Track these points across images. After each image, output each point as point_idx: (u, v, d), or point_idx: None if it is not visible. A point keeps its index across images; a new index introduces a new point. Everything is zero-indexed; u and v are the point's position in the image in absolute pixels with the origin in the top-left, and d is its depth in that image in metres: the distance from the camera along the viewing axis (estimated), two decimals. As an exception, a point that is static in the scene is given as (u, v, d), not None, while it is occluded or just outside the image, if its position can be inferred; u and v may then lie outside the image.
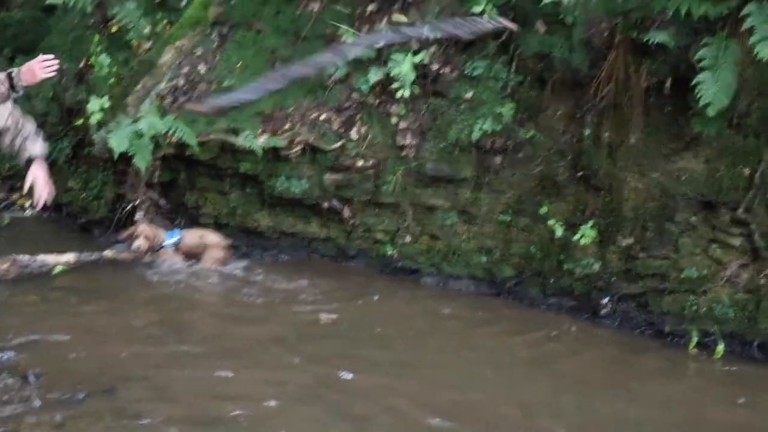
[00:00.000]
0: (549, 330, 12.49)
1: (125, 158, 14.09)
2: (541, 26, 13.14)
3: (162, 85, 14.81)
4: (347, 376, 10.56)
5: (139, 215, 14.42)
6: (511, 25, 11.66)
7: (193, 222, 14.58)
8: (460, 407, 10.16)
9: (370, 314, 12.59)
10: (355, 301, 12.97)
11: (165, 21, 15.25)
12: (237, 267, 13.85)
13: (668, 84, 12.34)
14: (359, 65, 13.92)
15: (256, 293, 12.96)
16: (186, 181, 14.80)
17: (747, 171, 12.09)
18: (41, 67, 9.98)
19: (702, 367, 11.92)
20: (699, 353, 12.13)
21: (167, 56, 15.02)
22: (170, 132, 13.88)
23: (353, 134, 13.97)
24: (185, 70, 14.93)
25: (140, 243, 13.07)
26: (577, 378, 11.27)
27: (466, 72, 13.66)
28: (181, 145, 14.20)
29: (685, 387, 11.40)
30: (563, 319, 12.87)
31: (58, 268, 13.02)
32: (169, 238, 13.30)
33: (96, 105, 14.46)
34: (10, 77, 9.99)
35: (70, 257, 13.23)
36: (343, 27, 14.13)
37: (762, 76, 11.87)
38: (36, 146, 10.50)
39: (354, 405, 9.97)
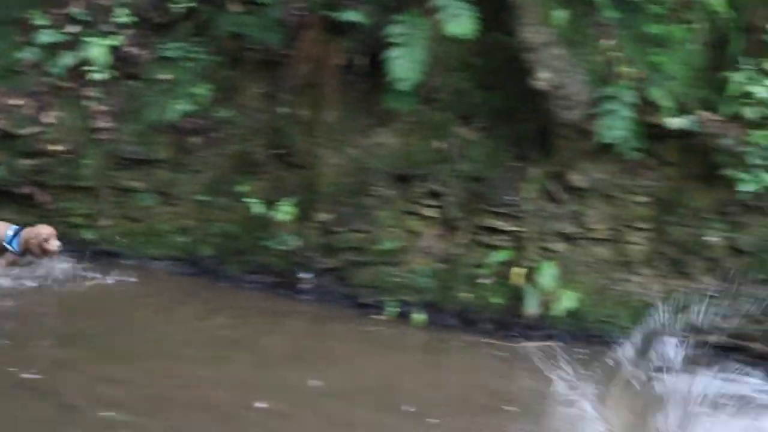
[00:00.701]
0: (248, 307, 12.02)
1: None
2: (235, 6, 12.56)
3: None
4: (27, 373, 9.66)
5: None
6: None
7: None
8: (160, 396, 9.58)
9: (61, 303, 11.77)
10: (46, 289, 11.92)
11: None
12: None
13: (361, 61, 11.98)
14: (51, 49, 12.88)
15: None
16: None
17: (439, 144, 11.82)
18: None
19: (400, 337, 11.75)
20: (397, 323, 11.95)
21: None
22: None
23: (48, 119, 13.01)
24: None
25: None
26: (277, 353, 10.93)
27: (161, 54, 12.81)
28: None
29: (382, 356, 11.20)
30: (264, 297, 12.43)
31: None
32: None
33: None
34: None
35: None
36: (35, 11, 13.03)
37: (451, 53, 11.77)
38: None
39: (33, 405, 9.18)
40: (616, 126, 11.01)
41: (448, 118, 12.06)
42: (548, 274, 11.58)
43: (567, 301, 11.53)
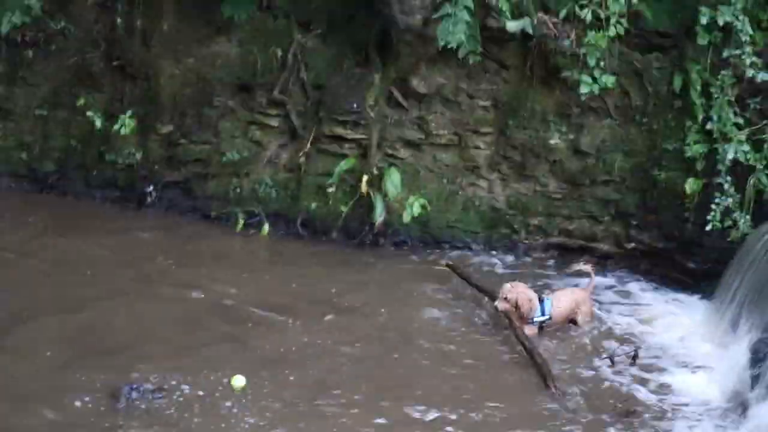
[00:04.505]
0: (92, 224, 11.68)
1: None
2: None
3: None
4: None
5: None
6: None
7: None
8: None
9: None
10: None
11: None
12: None
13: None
14: None
15: None
16: None
17: (279, 52, 11.49)
18: None
19: (251, 247, 11.56)
20: (247, 234, 11.65)
21: None
22: None
23: None
24: None
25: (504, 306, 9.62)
26: (127, 265, 10.73)
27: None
28: None
29: (235, 266, 10.97)
30: (110, 210, 12.04)
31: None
32: (540, 313, 9.69)
33: None
34: None
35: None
36: None
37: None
38: None
39: None
40: (456, 30, 10.63)
41: (287, 25, 11.64)
42: (394, 181, 11.34)
43: (414, 207, 11.26)
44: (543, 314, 9.63)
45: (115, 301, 9.82)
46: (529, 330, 9.53)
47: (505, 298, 9.50)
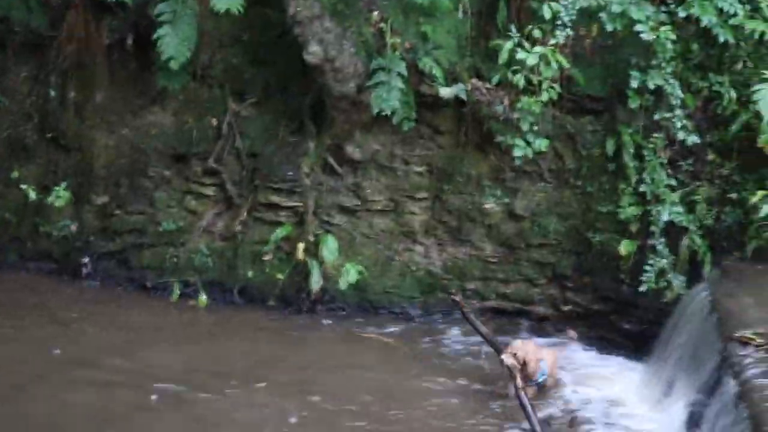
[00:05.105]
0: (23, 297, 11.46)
1: None
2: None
3: None
4: None
5: None
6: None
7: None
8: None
9: None
10: None
11: None
12: None
13: (130, 41, 11.45)
14: None
15: None
16: None
17: (214, 121, 11.50)
18: None
19: (188, 317, 11.39)
20: (183, 304, 11.50)
21: None
22: None
23: None
24: None
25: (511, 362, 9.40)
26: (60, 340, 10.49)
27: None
28: None
29: (172, 337, 10.81)
30: (45, 282, 11.79)
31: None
32: (542, 373, 9.60)
33: None
34: None
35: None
36: None
37: (222, 28, 11.32)
38: None
39: None
40: (389, 97, 10.70)
41: (221, 94, 11.63)
42: (330, 248, 11.28)
43: (350, 274, 11.20)
44: (543, 374, 9.55)
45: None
46: (530, 391, 9.38)
47: (514, 354, 9.34)
